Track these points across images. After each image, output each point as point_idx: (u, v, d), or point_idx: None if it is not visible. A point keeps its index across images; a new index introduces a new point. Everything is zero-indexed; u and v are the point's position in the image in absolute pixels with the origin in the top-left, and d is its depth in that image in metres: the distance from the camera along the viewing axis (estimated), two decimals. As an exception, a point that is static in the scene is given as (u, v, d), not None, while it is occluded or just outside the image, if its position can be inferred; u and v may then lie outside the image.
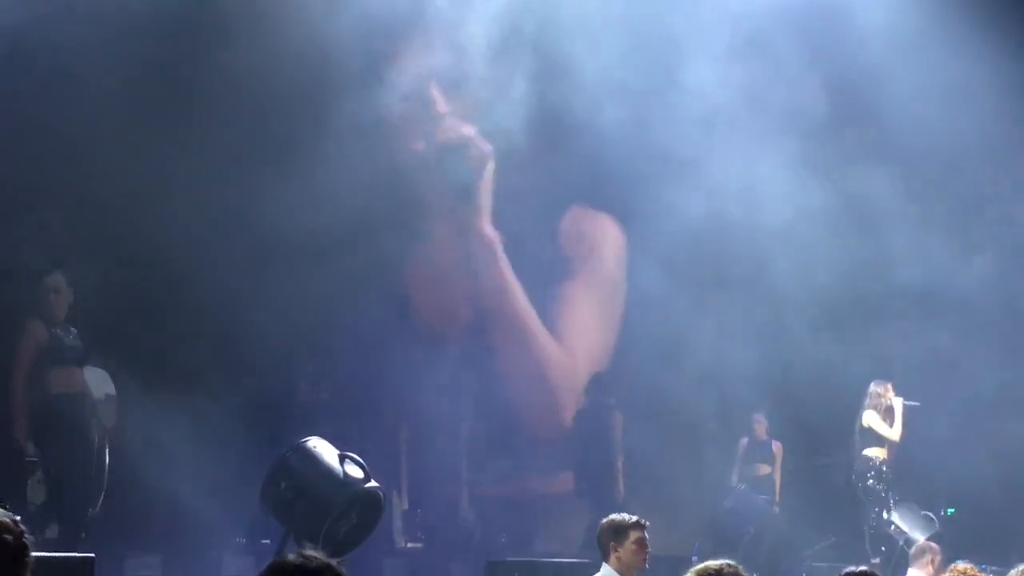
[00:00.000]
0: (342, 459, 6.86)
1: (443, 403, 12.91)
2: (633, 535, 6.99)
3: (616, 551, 6.99)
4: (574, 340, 13.95)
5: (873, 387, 12.67)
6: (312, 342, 12.42)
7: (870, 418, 12.58)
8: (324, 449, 6.93)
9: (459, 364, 13.16)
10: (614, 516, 7.18)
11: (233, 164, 10.95)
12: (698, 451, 13.66)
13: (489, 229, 13.60)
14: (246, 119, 11.14)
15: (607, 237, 14.20)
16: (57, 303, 9.47)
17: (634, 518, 7.10)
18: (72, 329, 9.61)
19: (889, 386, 12.71)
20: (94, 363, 9.73)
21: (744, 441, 13.59)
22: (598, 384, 13.23)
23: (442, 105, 13.33)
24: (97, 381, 11.05)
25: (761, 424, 13.56)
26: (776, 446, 13.54)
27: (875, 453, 12.60)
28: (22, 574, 2.96)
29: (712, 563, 4.69)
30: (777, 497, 13.33)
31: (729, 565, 4.65)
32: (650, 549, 7.06)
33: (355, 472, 6.80)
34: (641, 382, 13.10)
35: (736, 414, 13.59)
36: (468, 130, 13.36)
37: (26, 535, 3.15)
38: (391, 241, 12.62)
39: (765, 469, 13.44)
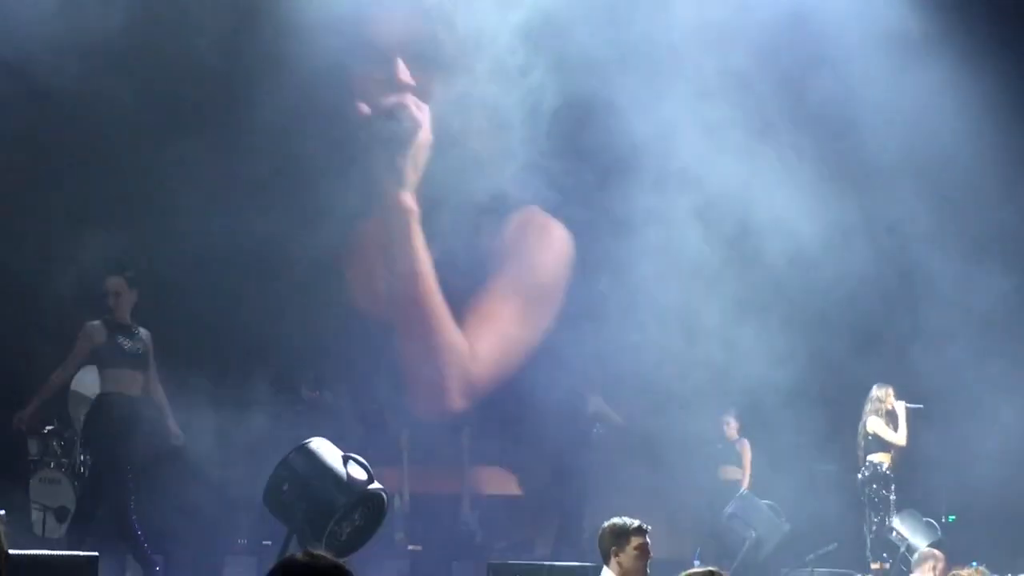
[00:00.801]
0: (345, 460, 6.85)
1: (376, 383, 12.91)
2: (635, 540, 6.91)
3: (617, 556, 6.92)
4: (480, 331, 13.76)
5: (875, 391, 12.60)
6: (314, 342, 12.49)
7: (874, 424, 12.52)
8: (327, 450, 6.92)
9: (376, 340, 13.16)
10: (616, 520, 7.05)
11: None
12: (698, 457, 13.69)
13: (408, 200, 13.28)
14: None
15: (553, 244, 14.03)
16: (117, 305, 9.49)
17: (636, 523, 6.99)
18: (139, 331, 9.62)
19: (890, 390, 12.61)
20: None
21: (716, 445, 13.56)
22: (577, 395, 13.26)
23: (405, 75, 13.21)
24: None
25: (731, 425, 13.51)
26: (742, 445, 13.47)
27: (880, 459, 12.53)
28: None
29: (697, 570, 4.66)
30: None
31: (712, 572, 4.64)
32: (652, 555, 7.02)
33: (358, 473, 6.79)
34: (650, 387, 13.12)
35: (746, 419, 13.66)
36: (408, 98, 13.14)
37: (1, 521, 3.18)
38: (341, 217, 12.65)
39: (732, 472, 13.38)
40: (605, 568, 7.00)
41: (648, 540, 6.94)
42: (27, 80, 10.59)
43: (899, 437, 12.59)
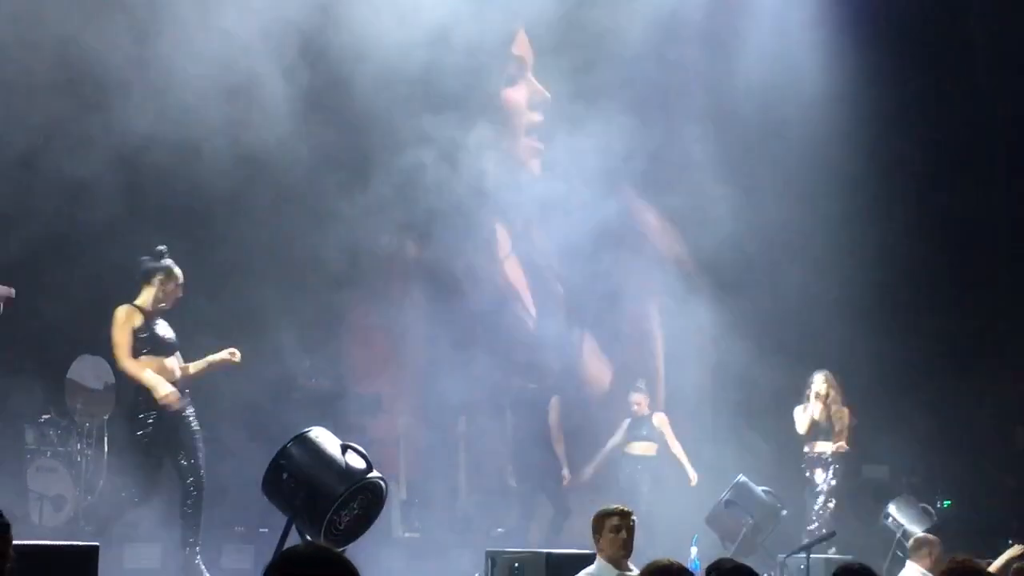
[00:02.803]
0: (344, 449, 6.86)
1: None
2: (608, 523, 7.01)
3: (599, 542, 7.03)
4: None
5: (815, 378, 12.80)
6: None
7: (798, 410, 12.73)
8: (326, 439, 6.93)
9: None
10: (601, 507, 7.22)
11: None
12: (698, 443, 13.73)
13: None
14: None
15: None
16: (157, 294, 9.42)
17: (613, 507, 7.13)
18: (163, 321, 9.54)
19: (820, 377, 12.77)
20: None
21: (626, 423, 13.51)
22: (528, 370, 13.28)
23: None
24: (94, 370, 11.09)
25: (640, 402, 13.43)
26: (659, 418, 13.41)
27: (821, 448, 12.72)
28: (5, 551, 2.97)
29: (661, 559, 4.73)
30: (689, 470, 13.21)
31: (673, 563, 4.69)
32: (626, 536, 7.01)
33: (357, 462, 6.80)
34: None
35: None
36: None
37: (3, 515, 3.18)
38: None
39: (647, 447, 13.31)
40: (598, 556, 7.08)
41: (626, 522, 6.99)
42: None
43: (799, 424, 12.70)
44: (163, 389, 9.10)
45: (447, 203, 12.73)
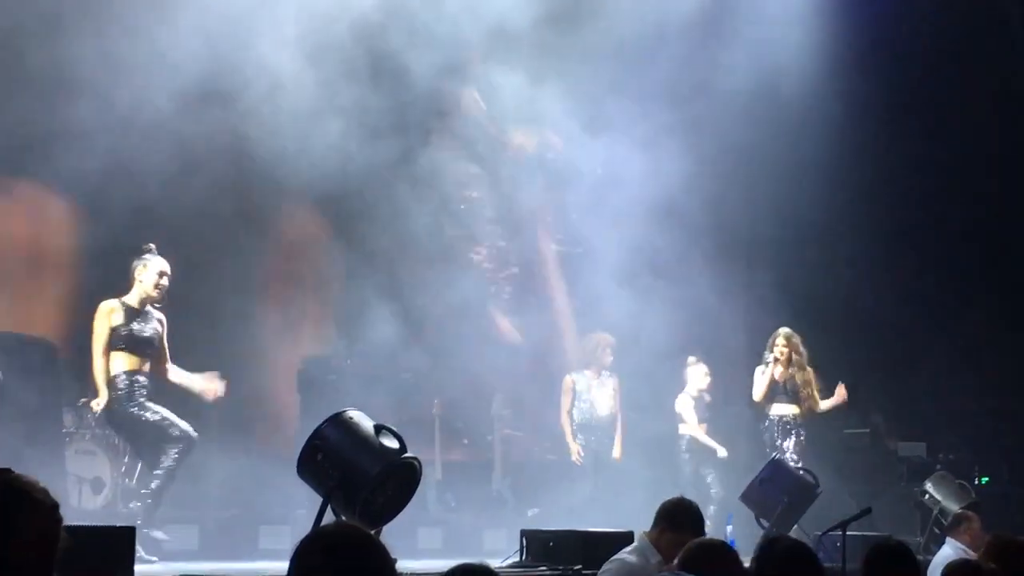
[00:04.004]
0: (378, 430, 6.87)
1: None
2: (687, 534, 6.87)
3: (665, 534, 6.79)
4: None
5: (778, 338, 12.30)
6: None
7: (774, 373, 12.26)
8: (360, 420, 6.94)
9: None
10: (683, 503, 6.85)
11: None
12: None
13: None
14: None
15: None
16: (141, 289, 9.60)
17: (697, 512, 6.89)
18: (154, 313, 9.76)
19: (781, 334, 12.29)
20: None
21: (569, 379, 13.20)
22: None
23: None
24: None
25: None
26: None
27: (782, 410, 12.32)
28: (58, 532, 3.01)
29: (704, 539, 4.75)
30: (617, 442, 13.04)
31: (715, 541, 4.79)
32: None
33: (391, 443, 6.81)
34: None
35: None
36: None
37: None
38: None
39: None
40: (644, 534, 6.88)
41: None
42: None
43: (756, 388, 12.30)
44: (103, 395, 9.51)
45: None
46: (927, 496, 12.26)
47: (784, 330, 12.32)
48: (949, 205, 14.92)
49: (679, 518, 6.72)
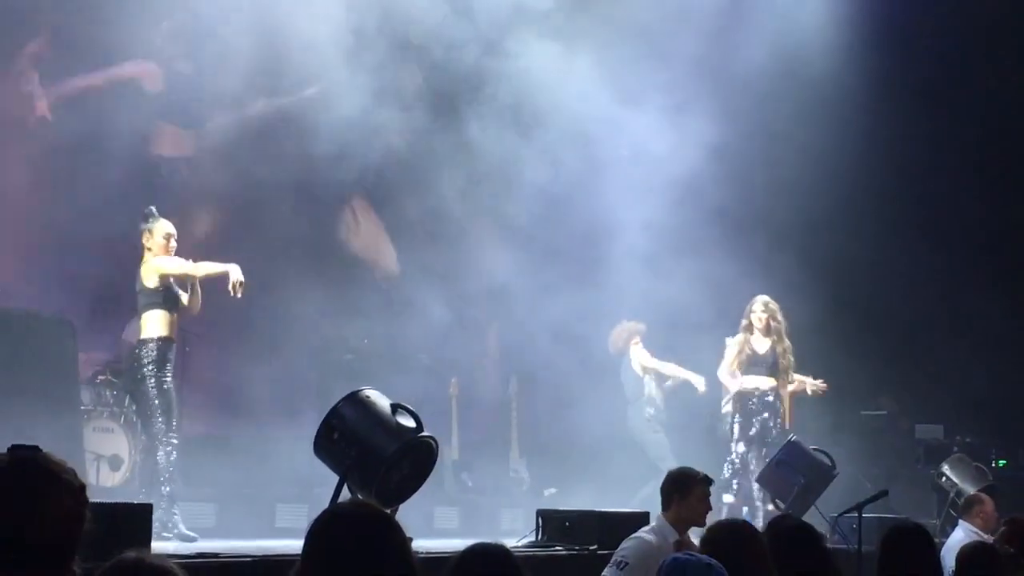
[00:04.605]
0: (395, 409, 6.87)
1: None
2: (698, 490, 7.04)
3: (679, 503, 6.99)
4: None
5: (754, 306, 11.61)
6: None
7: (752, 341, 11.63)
8: (377, 399, 6.95)
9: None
10: (684, 468, 7.25)
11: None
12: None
13: None
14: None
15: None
16: (152, 250, 9.51)
17: (702, 473, 7.17)
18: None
19: (757, 301, 11.63)
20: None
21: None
22: None
23: None
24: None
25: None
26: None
27: (755, 383, 11.59)
28: (84, 513, 3.03)
29: (725, 520, 4.78)
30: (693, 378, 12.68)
31: (737, 521, 4.90)
32: (711, 508, 7.10)
33: (408, 422, 6.81)
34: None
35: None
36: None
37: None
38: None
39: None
40: (661, 514, 7.02)
41: (710, 492, 7.05)
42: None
43: (727, 359, 11.64)
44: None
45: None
46: (944, 478, 12.23)
47: (762, 297, 11.64)
48: (973, 188, 14.84)
49: (682, 482, 6.94)
